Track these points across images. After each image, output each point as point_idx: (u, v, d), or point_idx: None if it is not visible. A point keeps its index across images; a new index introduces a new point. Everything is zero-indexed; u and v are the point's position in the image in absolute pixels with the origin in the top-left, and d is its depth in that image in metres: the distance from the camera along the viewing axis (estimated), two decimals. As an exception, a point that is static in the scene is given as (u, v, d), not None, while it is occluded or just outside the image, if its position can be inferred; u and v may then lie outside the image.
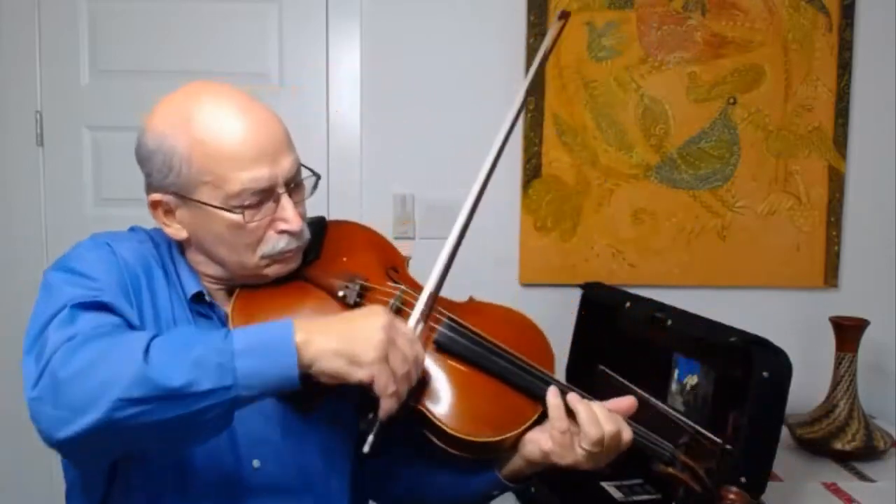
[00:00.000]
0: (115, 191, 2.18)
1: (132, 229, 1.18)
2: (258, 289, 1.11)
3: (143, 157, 1.07)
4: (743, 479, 1.39)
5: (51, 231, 2.19)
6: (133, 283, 1.05)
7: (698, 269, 2.19)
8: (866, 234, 2.20)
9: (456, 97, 2.14)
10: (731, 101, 2.15)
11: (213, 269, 1.11)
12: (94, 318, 0.96)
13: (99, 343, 0.91)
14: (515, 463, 1.12)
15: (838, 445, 1.74)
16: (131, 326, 1.00)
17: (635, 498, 1.49)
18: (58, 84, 2.15)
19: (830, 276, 2.19)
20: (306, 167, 1.11)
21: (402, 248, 1.30)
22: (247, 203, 1.03)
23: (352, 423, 1.13)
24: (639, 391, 1.61)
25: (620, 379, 1.72)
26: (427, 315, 1.09)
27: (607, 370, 1.76)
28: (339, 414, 1.14)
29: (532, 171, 2.14)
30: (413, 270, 1.25)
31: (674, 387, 1.59)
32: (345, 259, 1.18)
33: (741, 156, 2.17)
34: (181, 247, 1.13)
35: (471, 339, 1.12)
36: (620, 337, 1.80)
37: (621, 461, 1.10)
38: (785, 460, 1.70)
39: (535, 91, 2.12)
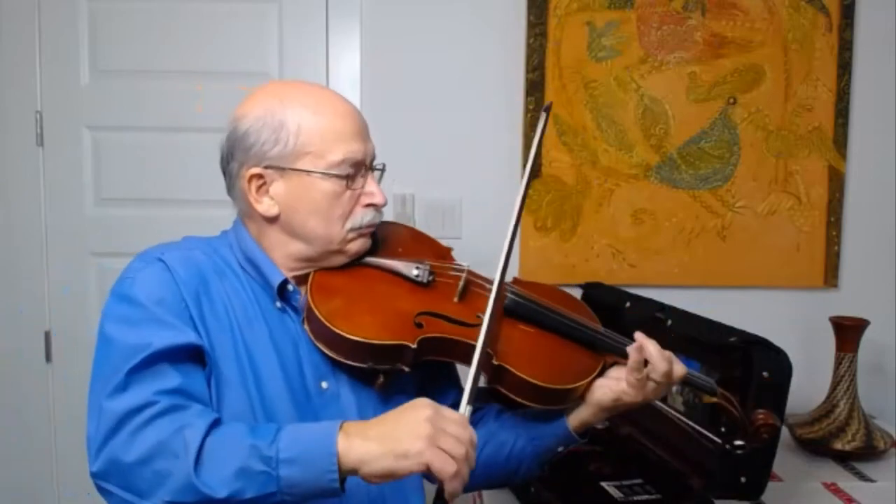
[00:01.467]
0: (115, 191, 2.19)
1: (185, 239, 1.21)
2: (331, 272, 1.18)
3: (241, 137, 1.13)
4: (743, 479, 1.39)
5: (51, 231, 2.19)
6: (192, 296, 1.09)
7: (698, 269, 2.19)
8: (866, 234, 2.20)
9: (456, 97, 2.14)
10: (731, 101, 2.15)
11: (294, 247, 1.16)
12: (152, 381, 0.99)
13: (160, 425, 0.95)
14: (582, 413, 1.20)
15: (838, 445, 1.74)
16: (191, 351, 1.04)
17: (635, 498, 1.49)
18: (58, 84, 2.15)
19: (830, 276, 2.19)
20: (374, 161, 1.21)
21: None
22: (345, 173, 1.13)
23: (410, 399, 1.20)
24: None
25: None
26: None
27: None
28: (405, 399, 1.18)
29: (532, 171, 2.14)
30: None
31: (674, 387, 1.59)
32: (400, 250, 1.27)
33: (741, 156, 2.17)
34: (255, 239, 1.17)
35: (535, 303, 1.25)
36: (620, 337, 1.80)
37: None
38: (785, 460, 1.70)
39: (536, 91, 2.12)
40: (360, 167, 1.15)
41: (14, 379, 2.20)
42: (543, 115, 1.28)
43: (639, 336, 1.16)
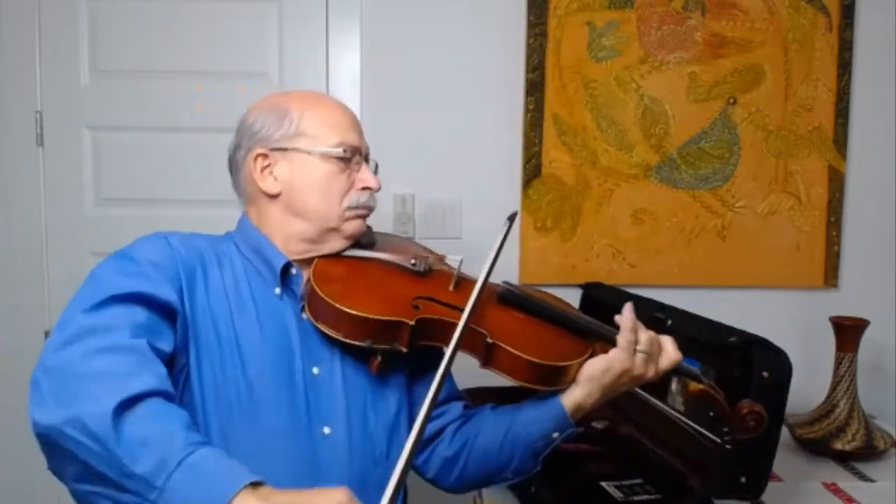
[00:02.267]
0: (115, 191, 2.19)
1: (190, 233, 1.27)
2: (333, 259, 1.25)
3: (248, 126, 1.25)
4: (743, 479, 1.39)
5: (51, 231, 2.19)
6: (187, 271, 1.15)
7: (698, 269, 2.19)
8: (866, 234, 2.20)
9: (456, 97, 2.14)
10: (731, 101, 2.15)
11: (295, 226, 1.23)
12: (125, 314, 1.02)
13: (112, 357, 0.95)
14: (575, 393, 1.23)
15: (838, 445, 1.74)
16: (170, 313, 1.09)
17: (635, 498, 1.49)
18: (58, 84, 2.15)
19: (830, 276, 2.19)
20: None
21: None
22: (342, 155, 1.23)
23: (405, 397, 1.28)
24: (639, 391, 1.61)
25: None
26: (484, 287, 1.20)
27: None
28: (397, 384, 1.26)
29: (532, 171, 2.14)
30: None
31: (674, 387, 1.58)
32: (394, 248, 1.34)
33: (741, 156, 2.17)
34: (257, 227, 1.25)
35: (525, 293, 1.32)
36: (620, 337, 1.79)
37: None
38: (785, 460, 1.70)
39: (536, 91, 2.12)
40: (356, 153, 1.25)
41: (14, 379, 2.19)
42: (507, 224, 1.34)
43: (629, 310, 1.23)
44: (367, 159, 1.30)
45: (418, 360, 1.25)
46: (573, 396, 1.23)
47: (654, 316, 1.67)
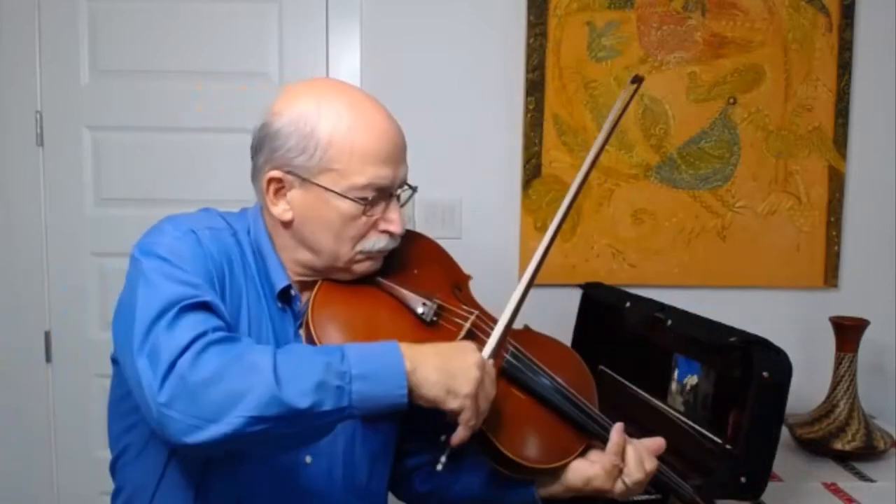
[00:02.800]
0: (115, 191, 2.19)
1: (205, 211, 1.18)
2: (337, 287, 1.15)
3: (271, 135, 1.10)
4: (743, 479, 1.39)
5: (51, 231, 2.19)
6: (219, 275, 1.08)
7: (698, 269, 2.19)
8: (866, 234, 2.20)
9: (456, 97, 2.14)
10: (731, 101, 2.15)
11: (302, 255, 1.15)
12: (203, 319, 0.97)
13: (223, 349, 0.94)
14: (553, 488, 1.19)
15: (838, 445, 1.74)
16: (227, 325, 1.02)
17: (635, 498, 1.49)
18: (58, 84, 2.15)
19: (830, 276, 2.19)
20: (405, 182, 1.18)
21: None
22: (365, 197, 1.09)
23: (394, 428, 1.25)
24: (639, 391, 1.62)
25: (621, 379, 1.72)
26: (500, 346, 1.12)
27: (607, 370, 1.76)
28: (388, 422, 1.22)
29: (532, 171, 2.14)
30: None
31: (674, 387, 1.58)
32: (416, 272, 1.22)
33: (741, 156, 2.17)
34: (268, 234, 1.16)
35: (534, 371, 1.20)
36: (620, 337, 1.79)
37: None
38: (785, 460, 1.70)
39: (536, 91, 2.12)
40: (385, 193, 1.12)
41: (14, 379, 2.20)
42: (632, 87, 1.20)
43: (620, 435, 1.17)
44: (401, 188, 1.15)
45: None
46: (549, 490, 1.20)
47: (654, 316, 1.67)
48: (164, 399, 0.91)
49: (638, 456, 1.17)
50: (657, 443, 1.22)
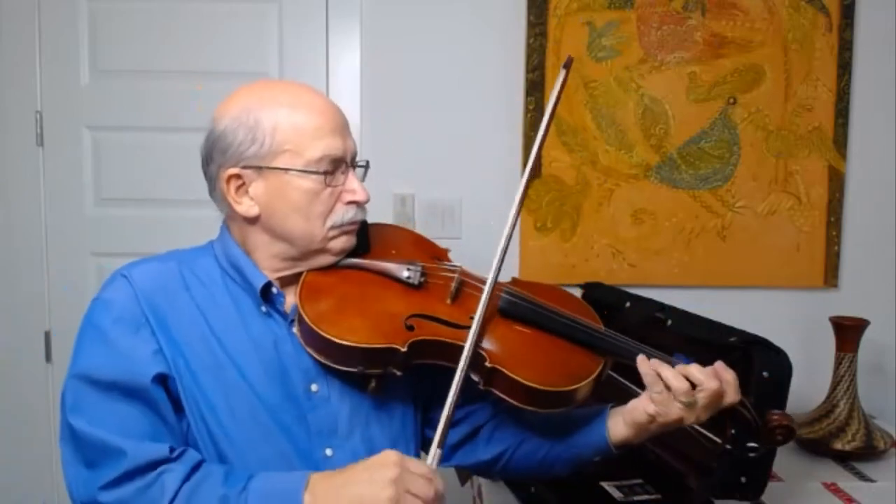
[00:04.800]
0: (115, 191, 2.19)
1: (168, 252, 1.21)
2: (321, 274, 1.17)
3: (218, 138, 1.13)
4: (743, 479, 1.39)
5: (51, 231, 2.19)
6: (154, 311, 1.09)
7: (698, 269, 2.19)
8: (866, 234, 2.20)
9: (456, 97, 2.14)
10: (731, 101, 2.15)
11: (277, 247, 1.15)
12: (119, 422, 1.04)
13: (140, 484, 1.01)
14: (623, 431, 1.19)
15: (838, 445, 1.74)
16: (160, 378, 1.06)
17: (635, 498, 1.49)
18: (58, 84, 2.15)
19: (830, 276, 2.19)
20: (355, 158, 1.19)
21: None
22: (324, 169, 1.11)
23: (410, 408, 1.23)
24: (639, 391, 1.61)
25: (620, 379, 1.72)
26: (491, 293, 1.14)
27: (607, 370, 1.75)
28: (400, 400, 1.21)
29: (532, 170, 2.14)
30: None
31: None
32: (393, 252, 1.24)
33: (741, 156, 2.17)
34: (238, 242, 1.17)
35: (530, 303, 1.21)
36: (620, 337, 1.79)
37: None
38: (785, 460, 1.70)
39: (536, 91, 2.12)
40: (340, 164, 1.13)
41: (14, 379, 2.20)
42: (563, 72, 1.23)
43: (644, 364, 1.15)
44: (353, 163, 1.17)
45: (422, 371, 1.17)
46: (621, 435, 1.19)
47: (654, 316, 1.67)
48: (82, 501, 1.05)
49: (672, 372, 1.12)
50: (723, 366, 1.17)
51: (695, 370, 1.12)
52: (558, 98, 1.22)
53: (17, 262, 2.18)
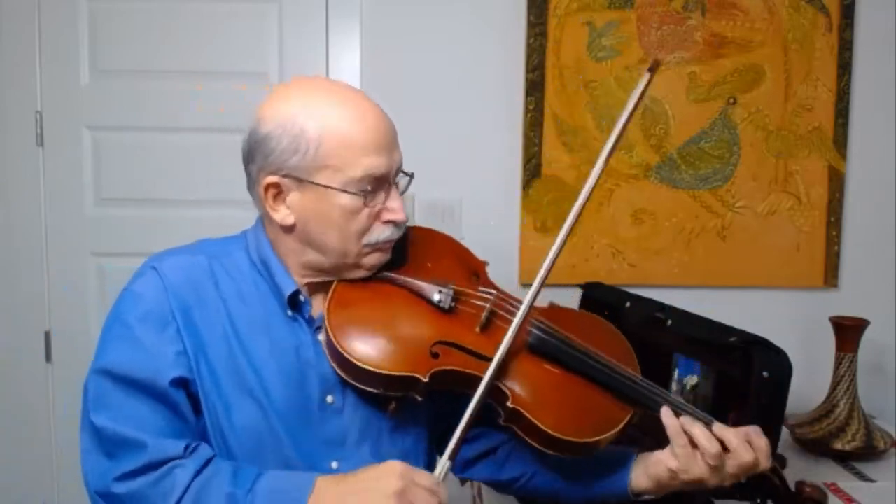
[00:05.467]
0: (115, 191, 2.19)
1: (199, 242, 1.19)
2: (352, 286, 1.14)
3: (261, 141, 1.09)
4: (743, 479, 1.39)
5: (51, 231, 2.19)
6: (182, 309, 1.08)
7: (698, 269, 2.19)
8: (866, 234, 2.20)
9: (456, 97, 2.14)
10: (731, 101, 2.15)
11: (310, 256, 1.13)
12: (138, 420, 1.04)
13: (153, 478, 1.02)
14: (644, 484, 1.17)
15: (838, 445, 1.74)
16: (180, 382, 1.06)
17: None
18: (58, 84, 2.15)
19: (830, 276, 2.19)
20: (401, 169, 1.17)
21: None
22: (364, 189, 1.08)
23: (426, 428, 1.21)
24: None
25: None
26: (523, 322, 1.11)
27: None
28: (415, 417, 1.19)
29: (532, 171, 2.14)
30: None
31: (674, 387, 1.58)
32: (430, 265, 1.21)
33: (741, 156, 2.17)
34: (271, 243, 1.15)
35: (562, 341, 1.16)
36: (620, 337, 1.79)
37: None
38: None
39: (536, 91, 2.12)
40: (383, 182, 1.11)
41: (14, 379, 2.20)
42: (647, 76, 1.17)
43: (668, 418, 1.11)
44: (398, 176, 1.14)
45: (442, 396, 1.14)
46: (642, 486, 1.17)
47: (654, 316, 1.67)
48: (97, 490, 1.04)
49: (704, 433, 1.08)
50: (759, 433, 1.13)
51: (731, 435, 1.09)
52: (639, 101, 1.17)
53: (17, 262, 2.18)
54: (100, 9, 2.14)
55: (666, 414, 1.11)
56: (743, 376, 1.39)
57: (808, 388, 1.82)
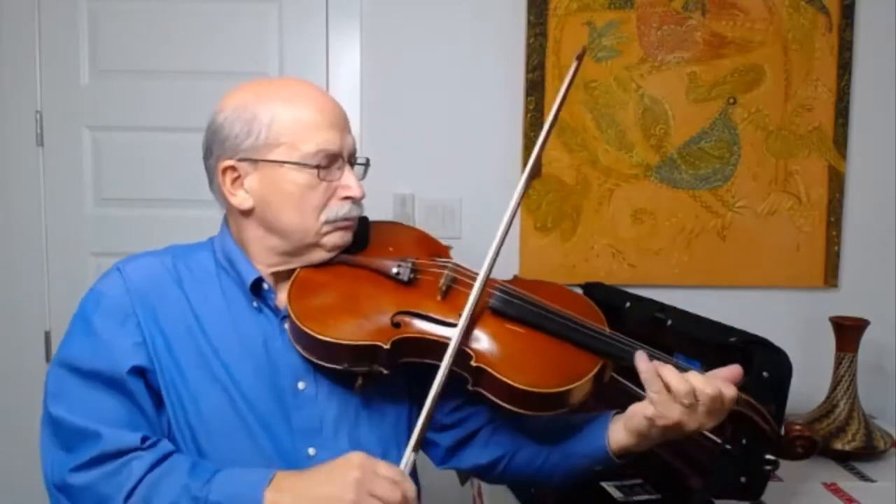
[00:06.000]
0: (115, 191, 2.19)
1: (167, 247, 1.22)
2: (313, 271, 1.17)
3: (216, 130, 1.14)
4: (743, 479, 1.39)
5: (51, 231, 2.19)
6: (144, 306, 1.11)
7: (698, 269, 2.19)
8: (866, 234, 2.20)
9: (456, 97, 2.14)
10: (731, 101, 2.15)
11: (271, 241, 1.15)
12: (97, 409, 1.06)
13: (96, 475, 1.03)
14: (623, 438, 1.16)
15: (838, 445, 1.74)
16: (139, 371, 1.08)
17: (635, 498, 1.49)
18: (58, 84, 2.15)
19: (830, 276, 2.19)
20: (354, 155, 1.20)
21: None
22: (318, 163, 1.11)
23: (404, 409, 1.21)
24: (639, 392, 1.61)
25: (621, 379, 1.71)
26: (485, 286, 1.13)
27: (607, 370, 1.75)
28: (393, 403, 1.20)
29: (532, 170, 2.14)
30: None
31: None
32: (391, 249, 1.23)
33: (741, 156, 2.17)
34: (234, 236, 1.18)
35: (524, 300, 1.17)
36: (620, 337, 1.79)
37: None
38: (785, 460, 1.69)
39: (536, 91, 2.12)
40: (336, 159, 1.14)
41: (14, 379, 2.20)
42: (575, 63, 1.21)
43: (644, 362, 1.10)
44: (352, 160, 1.17)
45: (415, 371, 1.16)
46: (621, 442, 1.16)
47: (654, 316, 1.67)
48: (55, 483, 1.05)
49: (672, 372, 1.08)
50: (732, 370, 1.12)
51: (693, 375, 1.09)
52: (568, 87, 1.20)
53: (17, 262, 2.18)
54: (100, 9, 2.14)
55: (640, 358, 1.11)
56: (743, 377, 1.39)
57: (807, 388, 1.82)
